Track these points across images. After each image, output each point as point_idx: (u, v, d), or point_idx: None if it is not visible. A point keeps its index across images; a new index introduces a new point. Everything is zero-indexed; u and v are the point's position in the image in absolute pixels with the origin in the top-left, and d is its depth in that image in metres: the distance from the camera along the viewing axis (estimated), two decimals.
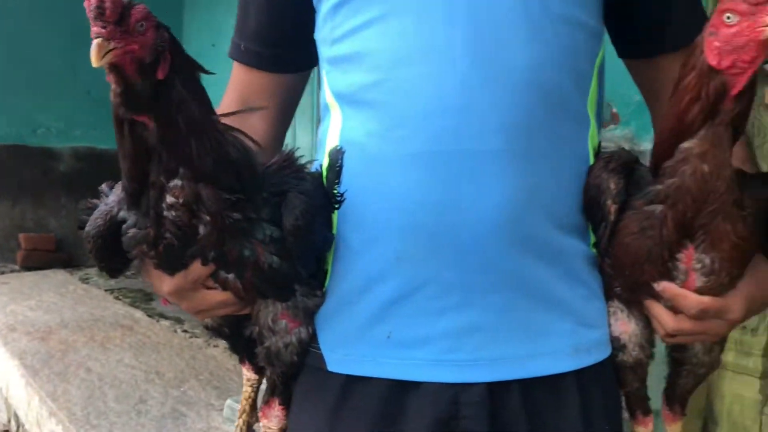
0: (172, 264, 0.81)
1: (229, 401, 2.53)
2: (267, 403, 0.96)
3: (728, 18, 0.73)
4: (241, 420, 1.05)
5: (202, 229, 0.77)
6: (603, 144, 0.96)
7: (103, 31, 0.66)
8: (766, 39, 0.72)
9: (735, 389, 2.28)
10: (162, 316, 3.94)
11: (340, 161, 0.89)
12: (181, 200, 0.75)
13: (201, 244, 0.78)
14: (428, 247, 0.85)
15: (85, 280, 4.98)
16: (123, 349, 3.31)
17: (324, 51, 0.95)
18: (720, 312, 0.84)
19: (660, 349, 0.98)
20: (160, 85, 0.72)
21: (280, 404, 0.95)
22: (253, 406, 1.05)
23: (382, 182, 0.86)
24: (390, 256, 0.86)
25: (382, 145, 0.87)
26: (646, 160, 0.87)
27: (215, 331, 0.95)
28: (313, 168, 0.92)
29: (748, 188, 0.82)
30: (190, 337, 3.61)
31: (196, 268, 0.82)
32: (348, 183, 0.89)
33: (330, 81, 0.94)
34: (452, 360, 0.86)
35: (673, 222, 0.80)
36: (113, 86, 0.70)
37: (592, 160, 0.91)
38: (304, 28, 0.97)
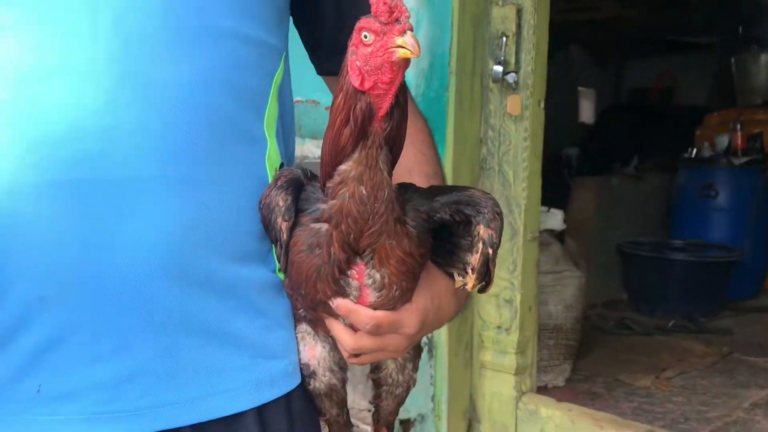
0: None
1: None
2: None
3: (365, 37, 0.70)
4: None
5: None
6: None
7: None
8: (399, 60, 0.70)
9: (494, 387, 2.39)
10: None
11: None
12: None
13: None
14: (76, 288, 0.75)
15: None
16: None
17: None
18: (394, 325, 0.83)
19: None
20: None
21: None
22: None
23: (16, 215, 0.75)
24: (32, 299, 0.75)
25: (17, 173, 0.75)
26: None
27: None
28: None
29: (412, 202, 0.81)
30: None
31: None
32: None
33: None
34: (110, 412, 0.77)
35: (339, 242, 0.77)
36: None
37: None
38: None
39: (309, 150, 2.36)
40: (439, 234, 0.84)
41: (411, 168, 0.92)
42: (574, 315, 2.87)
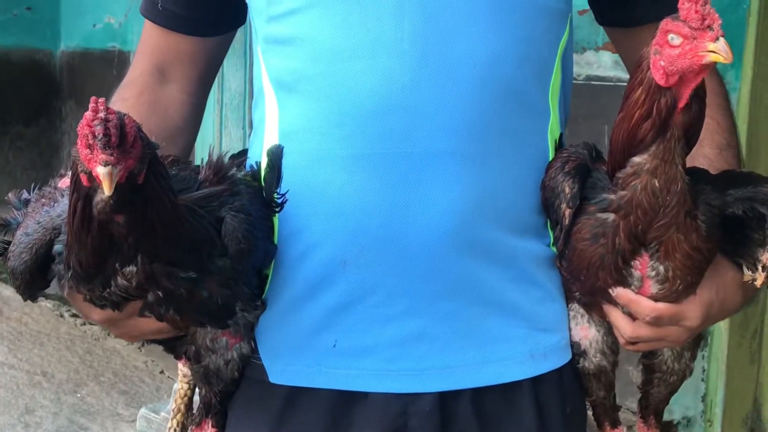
0: (110, 307, 1.11)
1: (143, 411, 2.89)
2: (199, 424, 1.27)
3: (672, 39, 1.06)
4: (174, 421, 1.38)
5: (150, 296, 1.08)
6: None
7: (112, 158, 0.93)
8: (708, 63, 1.05)
9: None
10: (42, 295, 4.19)
11: (279, 162, 1.19)
12: (133, 283, 1.05)
13: (147, 301, 1.09)
14: (375, 253, 1.19)
15: None
16: None
17: (259, 25, 1.26)
18: (676, 318, 1.19)
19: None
20: (137, 186, 1.00)
21: (213, 426, 1.26)
22: (189, 406, 1.35)
23: (323, 183, 1.20)
24: (335, 262, 1.20)
25: (324, 143, 1.20)
26: None
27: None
28: (246, 165, 1.23)
29: (704, 195, 1.16)
30: (82, 324, 3.93)
31: (133, 305, 1.11)
32: (287, 182, 1.19)
33: (267, 63, 1.26)
34: (400, 369, 1.21)
35: (625, 233, 1.14)
36: (104, 195, 0.97)
37: (551, 154, 1.25)
38: None
39: None
40: (729, 222, 1.17)
41: (702, 138, 1.17)
42: None
